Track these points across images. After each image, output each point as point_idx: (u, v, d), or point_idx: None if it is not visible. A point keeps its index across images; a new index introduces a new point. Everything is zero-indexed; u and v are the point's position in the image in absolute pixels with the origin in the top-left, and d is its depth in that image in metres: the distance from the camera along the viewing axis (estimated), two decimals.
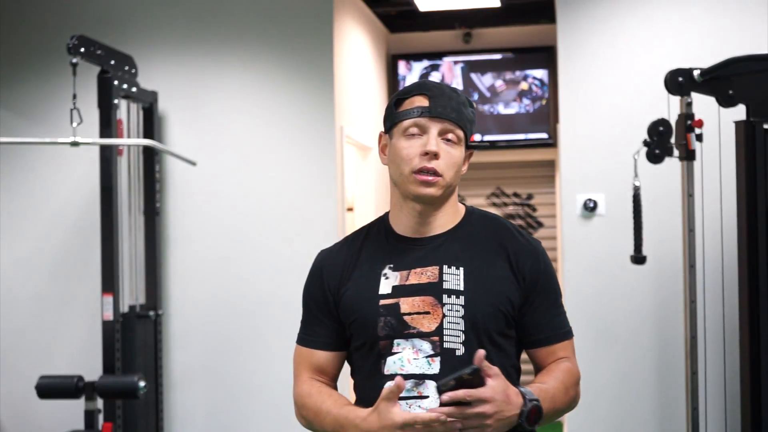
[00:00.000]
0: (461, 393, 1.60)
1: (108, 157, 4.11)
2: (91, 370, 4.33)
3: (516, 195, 6.63)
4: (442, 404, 1.61)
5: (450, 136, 1.79)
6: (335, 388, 1.90)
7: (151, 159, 4.55)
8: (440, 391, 1.62)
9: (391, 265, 1.82)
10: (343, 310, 1.84)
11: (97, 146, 4.16)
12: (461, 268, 1.79)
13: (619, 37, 4.41)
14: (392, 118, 1.83)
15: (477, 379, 1.62)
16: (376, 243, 1.87)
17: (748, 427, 3.33)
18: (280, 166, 4.64)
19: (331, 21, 4.64)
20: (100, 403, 4.01)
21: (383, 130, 1.88)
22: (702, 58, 3.95)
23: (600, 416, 4.36)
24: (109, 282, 4.06)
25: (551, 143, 6.12)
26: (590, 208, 4.36)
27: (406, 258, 1.82)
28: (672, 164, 3.80)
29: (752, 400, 3.33)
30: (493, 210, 6.61)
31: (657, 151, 3.69)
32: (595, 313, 4.37)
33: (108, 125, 4.09)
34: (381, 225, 1.90)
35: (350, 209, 5.46)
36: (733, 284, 3.75)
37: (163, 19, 4.77)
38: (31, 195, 4.80)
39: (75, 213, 4.72)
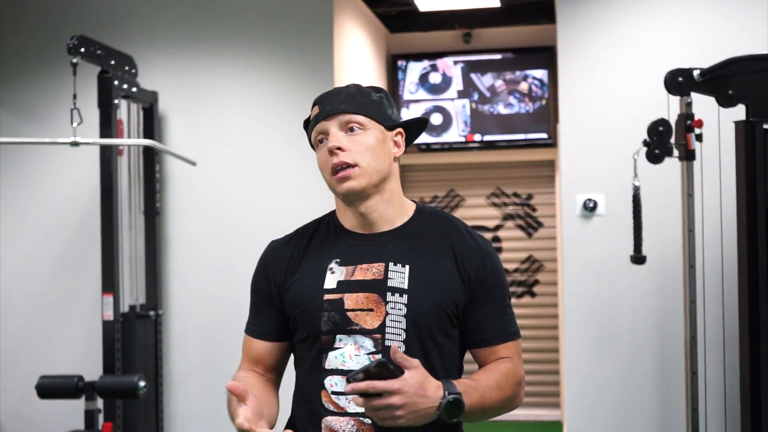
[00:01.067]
0: (363, 385, 1.59)
1: (108, 157, 4.11)
2: (91, 370, 4.33)
3: (516, 195, 6.63)
4: (345, 393, 1.64)
5: (351, 125, 1.82)
6: (273, 378, 1.92)
7: (151, 159, 4.55)
8: (348, 381, 1.61)
9: (338, 260, 1.83)
10: (288, 302, 1.85)
11: (97, 146, 4.16)
12: (407, 266, 1.80)
13: (619, 37, 4.41)
14: (308, 138, 1.91)
15: (386, 372, 1.61)
16: (325, 237, 1.89)
17: (748, 427, 3.33)
18: (280, 166, 4.64)
19: (331, 21, 4.64)
20: (100, 403, 4.02)
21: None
22: (702, 58, 3.95)
23: (600, 416, 4.36)
24: (109, 282, 4.07)
25: (551, 143, 6.13)
26: (590, 208, 4.36)
27: (353, 253, 1.83)
28: (672, 164, 3.80)
29: (752, 400, 3.33)
30: (493, 210, 6.61)
31: (657, 151, 3.69)
32: (595, 313, 4.37)
33: (108, 125, 4.09)
34: (331, 219, 1.92)
35: None
36: (732, 284, 3.74)
37: (163, 19, 4.77)
38: (31, 195, 4.80)
39: (75, 213, 4.73)
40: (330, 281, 1.81)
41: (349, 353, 1.76)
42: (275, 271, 1.89)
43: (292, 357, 1.94)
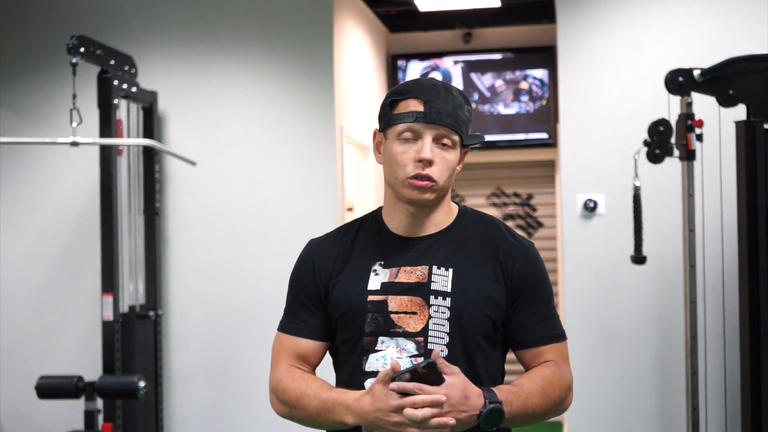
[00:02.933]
0: (410, 385, 1.61)
1: (108, 157, 4.11)
2: (91, 370, 4.33)
3: (516, 195, 6.63)
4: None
5: (445, 141, 1.77)
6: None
7: (151, 159, 4.54)
8: (394, 379, 1.62)
9: (382, 262, 1.82)
10: (332, 302, 1.84)
11: (97, 146, 4.16)
12: (450, 270, 1.79)
13: (619, 37, 4.41)
14: (387, 119, 1.81)
15: (434, 376, 1.62)
16: (369, 238, 1.87)
17: (748, 428, 3.33)
18: (280, 166, 4.64)
19: (331, 21, 4.64)
20: (100, 403, 4.01)
21: (378, 127, 1.86)
22: (702, 58, 3.95)
23: (600, 416, 4.36)
24: (109, 282, 4.06)
25: (551, 143, 6.12)
26: (590, 208, 4.36)
27: (397, 256, 1.82)
28: (672, 164, 3.80)
29: (752, 400, 3.33)
30: (493, 210, 6.61)
31: (657, 151, 3.69)
32: (596, 314, 4.37)
33: (108, 125, 4.09)
34: (374, 220, 1.90)
35: (350, 209, 5.46)
36: (733, 284, 3.75)
37: (163, 19, 4.77)
38: (31, 195, 4.80)
39: (75, 213, 4.72)
40: (374, 282, 1.80)
41: (391, 356, 1.75)
42: (321, 269, 1.86)
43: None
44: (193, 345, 4.66)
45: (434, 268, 1.79)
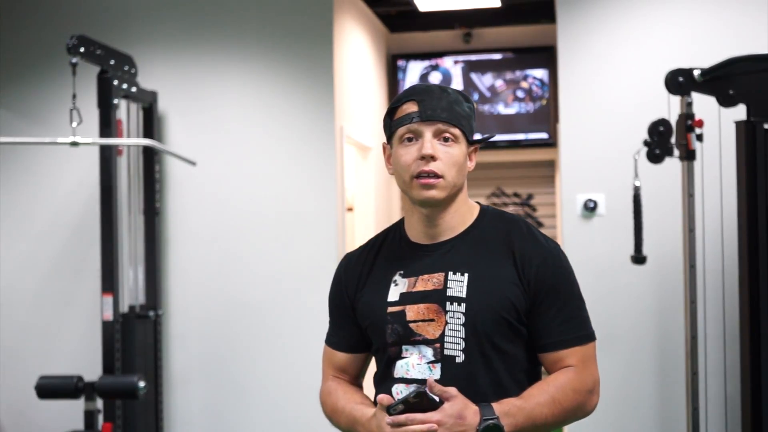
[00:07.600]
0: (402, 417, 1.65)
1: (108, 157, 4.11)
2: (91, 370, 4.33)
3: (516, 195, 6.63)
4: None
5: (446, 135, 1.80)
6: (359, 385, 1.97)
7: (151, 159, 4.54)
8: (389, 413, 1.66)
9: (402, 272, 1.85)
10: (358, 315, 1.90)
11: (97, 146, 4.16)
12: (466, 274, 1.79)
13: (619, 37, 4.41)
14: (389, 128, 1.86)
15: (426, 402, 1.64)
16: (391, 249, 1.90)
17: (749, 428, 3.33)
18: (280, 166, 4.64)
19: (331, 21, 4.64)
20: (99, 403, 4.01)
21: (385, 141, 1.90)
22: (702, 58, 3.95)
23: (600, 416, 4.34)
24: (109, 282, 4.06)
25: (551, 143, 6.12)
26: (590, 208, 4.36)
27: (416, 264, 1.84)
28: (672, 164, 3.80)
29: (752, 400, 3.33)
30: None
31: (657, 151, 3.69)
32: (596, 314, 4.32)
33: (108, 125, 4.09)
34: (397, 231, 1.93)
35: (350, 209, 5.46)
36: (733, 284, 3.74)
37: (163, 19, 4.77)
38: (31, 195, 4.80)
39: (75, 213, 4.72)
40: (393, 294, 1.83)
41: (413, 362, 1.79)
42: (348, 285, 1.92)
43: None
44: (193, 345, 4.66)
45: (450, 273, 1.80)
